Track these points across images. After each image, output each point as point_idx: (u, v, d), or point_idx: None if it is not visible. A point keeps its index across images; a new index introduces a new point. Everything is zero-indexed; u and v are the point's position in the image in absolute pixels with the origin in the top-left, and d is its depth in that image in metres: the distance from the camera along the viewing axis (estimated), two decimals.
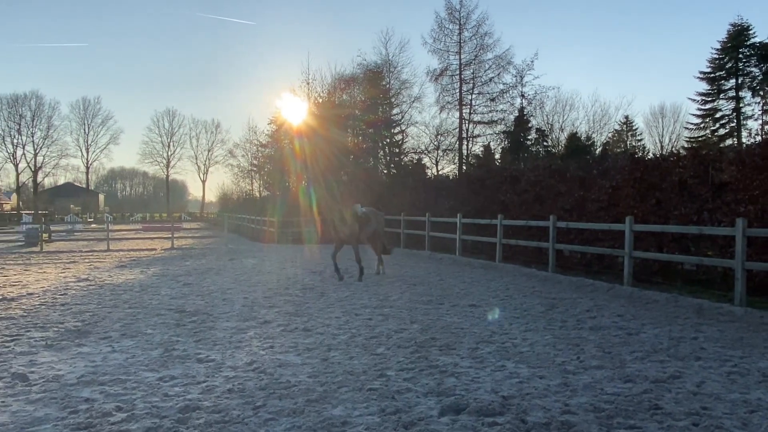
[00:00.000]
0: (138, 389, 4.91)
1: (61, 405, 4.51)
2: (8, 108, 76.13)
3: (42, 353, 6.15)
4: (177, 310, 8.71)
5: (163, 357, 5.98)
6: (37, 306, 9.14)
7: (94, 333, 7.13)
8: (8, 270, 14.77)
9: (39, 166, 78.96)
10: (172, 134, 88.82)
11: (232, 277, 12.99)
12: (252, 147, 55.16)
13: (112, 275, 13.45)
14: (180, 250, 22.07)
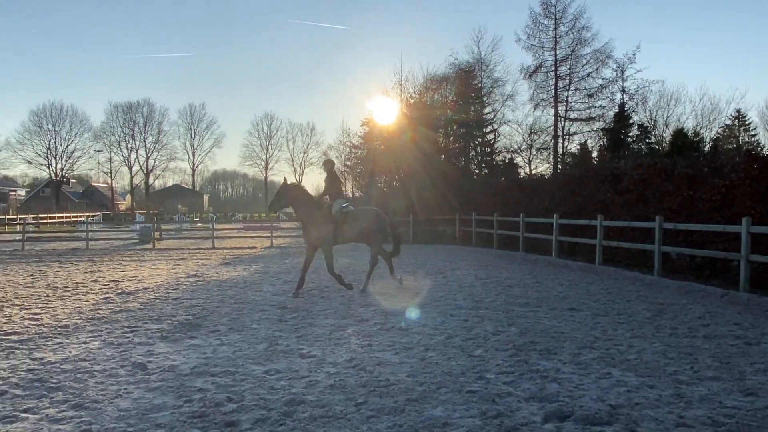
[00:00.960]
0: (246, 381, 5.14)
1: (177, 394, 4.81)
2: (123, 115, 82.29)
3: (158, 344, 6.58)
4: (279, 307, 9.05)
5: (268, 351, 6.22)
6: (152, 300, 9.80)
7: (204, 326, 7.55)
8: (125, 266, 15.95)
9: (150, 168, 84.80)
10: (270, 137, 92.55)
11: (328, 276, 13.29)
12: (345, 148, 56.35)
13: (218, 272, 14.18)
14: (278, 249, 22.91)
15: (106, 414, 4.32)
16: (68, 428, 4.05)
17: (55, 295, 10.37)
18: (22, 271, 14.41)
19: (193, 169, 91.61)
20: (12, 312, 8.61)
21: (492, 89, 37.46)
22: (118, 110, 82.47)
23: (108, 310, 8.81)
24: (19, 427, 4.07)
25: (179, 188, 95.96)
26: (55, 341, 6.72)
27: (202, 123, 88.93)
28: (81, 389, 4.91)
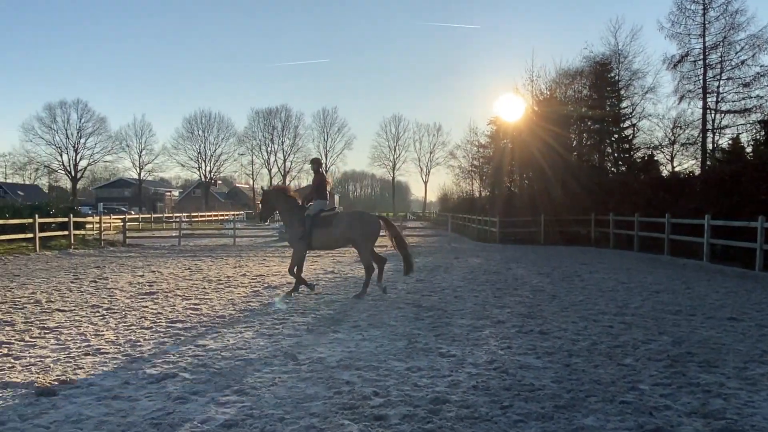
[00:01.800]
0: (390, 377, 5.26)
1: (327, 385, 5.03)
2: (263, 120, 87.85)
3: (305, 336, 6.94)
4: (414, 305, 9.17)
5: (408, 348, 6.33)
6: (295, 294, 10.34)
7: (346, 321, 7.85)
8: (269, 261, 17.00)
9: (287, 170, 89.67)
10: (398, 138, 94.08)
11: (460, 275, 13.28)
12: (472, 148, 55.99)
13: (353, 269, 14.65)
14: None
15: (264, 400, 4.63)
16: (232, 412, 4.38)
17: (211, 287, 11.30)
18: (180, 265, 15.84)
19: (326, 171, 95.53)
20: (175, 302, 9.50)
21: (630, 82, 35.22)
22: (259, 116, 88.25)
23: (257, 302, 9.45)
24: (190, 408, 4.47)
25: None
26: (214, 330, 7.31)
27: (334, 126, 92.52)
28: (240, 376, 5.29)
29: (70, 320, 7.95)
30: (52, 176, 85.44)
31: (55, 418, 4.25)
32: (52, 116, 79.39)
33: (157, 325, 7.63)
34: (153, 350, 6.27)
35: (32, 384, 5.02)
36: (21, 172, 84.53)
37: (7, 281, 12.30)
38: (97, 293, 10.48)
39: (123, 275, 13.36)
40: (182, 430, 4.01)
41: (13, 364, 5.72)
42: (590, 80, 34.50)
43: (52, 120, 79.30)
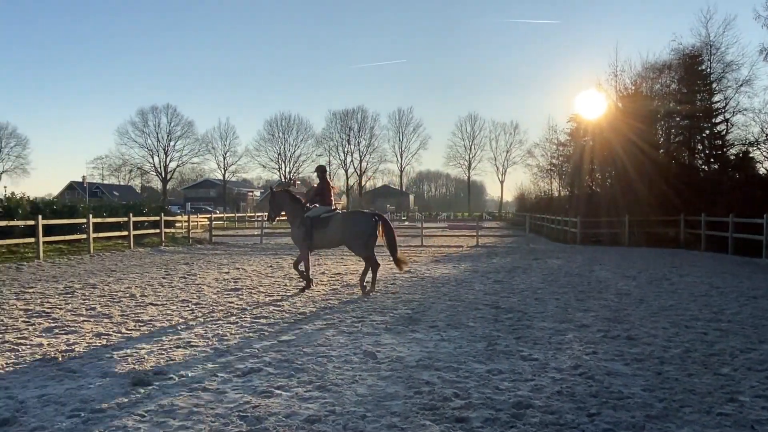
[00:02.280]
0: (470, 379, 5.20)
1: (406, 384, 5.03)
2: (340, 122, 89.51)
3: (384, 335, 6.97)
4: (492, 306, 9.02)
5: (488, 350, 6.23)
6: (373, 293, 10.42)
7: (423, 321, 7.82)
8: (347, 260, 17.19)
9: (363, 170, 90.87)
10: (474, 137, 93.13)
11: (540, 277, 12.95)
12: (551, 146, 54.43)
13: (430, 269, 14.63)
14: (485, 248, 22.92)
15: (346, 397, 4.68)
16: (315, 407, 4.46)
17: (292, 284, 11.58)
18: (262, 262, 16.36)
19: (401, 170, 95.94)
20: (259, 298, 9.81)
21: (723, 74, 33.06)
22: (336, 117, 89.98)
23: (336, 300, 9.60)
24: (275, 402, 4.59)
25: (388, 188, 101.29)
26: (296, 326, 7.49)
27: (410, 126, 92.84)
28: (322, 372, 5.39)
29: (162, 314, 8.38)
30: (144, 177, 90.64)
31: (149, 407, 4.48)
32: (145, 120, 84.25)
33: (242, 320, 7.90)
34: (239, 344, 6.49)
35: (128, 374, 5.32)
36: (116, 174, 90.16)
37: (105, 276, 13.13)
38: (187, 288, 10.99)
39: (210, 272, 13.94)
40: (268, 424, 4.12)
41: (111, 354, 6.08)
42: (679, 73, 32.71)
43: (144, 124, 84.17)
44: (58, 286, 11.41)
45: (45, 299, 9.71)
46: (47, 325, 7.60)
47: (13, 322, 7.74)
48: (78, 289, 10.97)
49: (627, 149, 28.05)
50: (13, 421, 4.14)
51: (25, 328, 7.41)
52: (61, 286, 11.41)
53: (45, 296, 10.04)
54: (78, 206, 23.88)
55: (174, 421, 4.17)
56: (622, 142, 28.51)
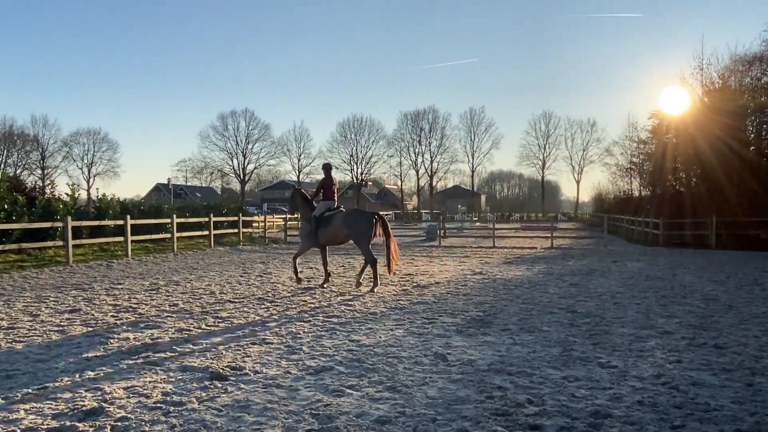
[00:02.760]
0: (544, 385, 5.04)
1: (477, 388, 4.95)
2: (411, 122, 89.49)
3: (454, 337, 6.90)
4: (568, 310, 8.74)
5: (563, 356, 6.03)
6: (444, 294, 10.36)
7: (495, 324, 7.68)
8: (417, 260, 17.23)
9: (434, 171, 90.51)
10: (548, 136, 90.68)
11: (619, 281, 12.44)
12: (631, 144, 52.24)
13: (502, 270, 14.37)
14: (559, 250, 22.29)
15: (416, 399, 4.65)
16: (385, 408, 4.46)
17: (362, 284, 11.67)
18: (334, 262, 16.59)
19: (472, 171, 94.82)
20: (331, 297, 9.95)
21: None
22: (407, 118, 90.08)
23: (407, 301, 9.59)
24: (346, 402, 4.62)
25: (459, 189, 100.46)
26: (366, 326, 7.53)
27: (481, 126, 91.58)
28: (392, 373, 5.38)
29: (240, 311, 8.65)
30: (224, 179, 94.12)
31: (226, 401, 4.62)
32: (225, 124, 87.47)
33: (315, 318, 8.04)
34: (311, 343, 6.60)
35: (207, 369, 5.51)
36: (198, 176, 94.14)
37: (187, 274, 13.72)
38: (262, 287, 11.31)
39: (284, 271, 14.29)
40: (339, 423, 4.15)
41: (192, 349, 6.33)
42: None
43: (224, 128, 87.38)
44: (145, 282, 12.03)
45: (132, 295, 10.26)
46: (134, 319, 8.02)
47: (103, 317, 8.21)
48: (162, 285, 11.53)
49: (714, 146, 26.49)
50: (100, 411, 4.38)
51: (114, 322, 7.85)
52: (147, 282, 12.02)
53: (132, 292, 10.61)
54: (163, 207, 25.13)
55: (249, 417, 4.28)
56: (708, 139, 26.96)
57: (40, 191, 23.41)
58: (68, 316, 8.30)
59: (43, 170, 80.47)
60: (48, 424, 4.14)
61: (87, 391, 4.86)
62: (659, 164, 35.60)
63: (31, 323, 7.77)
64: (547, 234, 26.40)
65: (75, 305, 9.18)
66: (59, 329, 7.38)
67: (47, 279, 12.76)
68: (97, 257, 17.42)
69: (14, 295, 10.36)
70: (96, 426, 4.10)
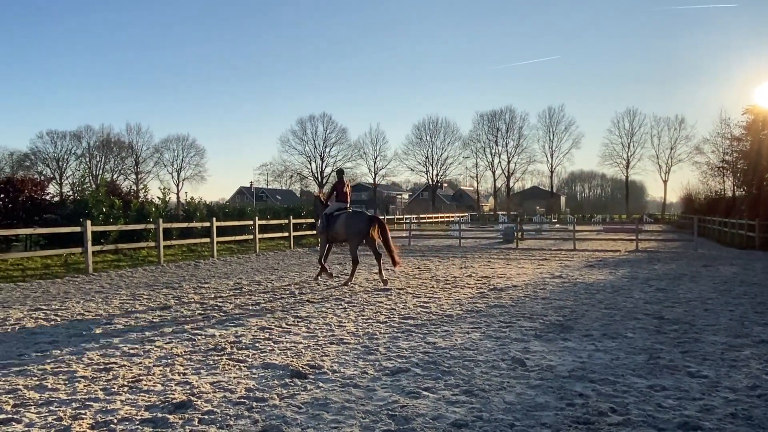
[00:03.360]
0: (629, 393, 4.85)
1: (557, 395, 4.82)
2: (488, 123, 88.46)
3: (533, 342, 6.76)
4: (654, 316, 8.36)
5: (649, 364, 5.78)
6: (522, 297, 10.17)
7: (576, 329, 7.46)
8: (494, 263, 16.99)
9: (511, 172, 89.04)
10: (632, 134, 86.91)
11: (710, 286, 11.76)
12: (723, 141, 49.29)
13: (583, 274, 13.92)
14: (645, 253, 21.33)
15: (493, 404, 4.60)
16: (462, 412, 4.44)
17: (438, 286, 11.66)
18: (410, 264, 16.66)
19: (551, 171, 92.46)
20: (407, 299, 9.99)
21: None
22: (484, 119, 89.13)
23: (483, 304, 9.48)
24: (422, 404, 4.63)
25: (537, 190, 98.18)
26: (442, 328, 7.52)
27: (561, 125, 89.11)
28: (469, 377, 5.35)
29: (318, 311, 8.86)
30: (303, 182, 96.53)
31: (305, 399, 4.75)
32: (303, 129, 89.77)
33: (391, 320, 8.11)
34: (387, 344, 6.66)
35: (287, 367, 5.68)
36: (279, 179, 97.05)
37: (268, 274, 14.18)
38: (339, 288, 11.51)
39: (360, 272, 14.47)
40: (415, 424, 4.17)
41: (273, 347, 6.55)
42: None
43: (303, 132, 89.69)
44: (229, 282, 12.55)
45: (218, 294, 10.73)
46: (219, 317, 8.39)
47: (191, 314, 8.64)
48: (245, 285, 11.98)
49: None
50: (188, 404, 4.62)
51: (201, 319, 8.24)
52: (231, 282, 12.54)
53: (218, 291, 11.10)
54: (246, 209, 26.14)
55: (327, 415, 4.38)
56: None
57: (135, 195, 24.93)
58: (159, 313, 8.79)
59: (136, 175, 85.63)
60: (141, 415, 4.40)
61: (176, 385, 5.14)
62: (754, 162, 33.33)
63: (127, 319, 8.29)
64: (632, 236, 25.32)
65: (166, 303, 9.71)
66: (151, 325, 7.83)
67: (141, 278, 13.56)
68: (185, 257, 18.33)
69: (111, 292, 11.08)
70: (185, 418, 4.32)
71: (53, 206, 18.86)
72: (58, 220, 17.25)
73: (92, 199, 18.20)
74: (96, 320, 8.23)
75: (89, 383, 5.20)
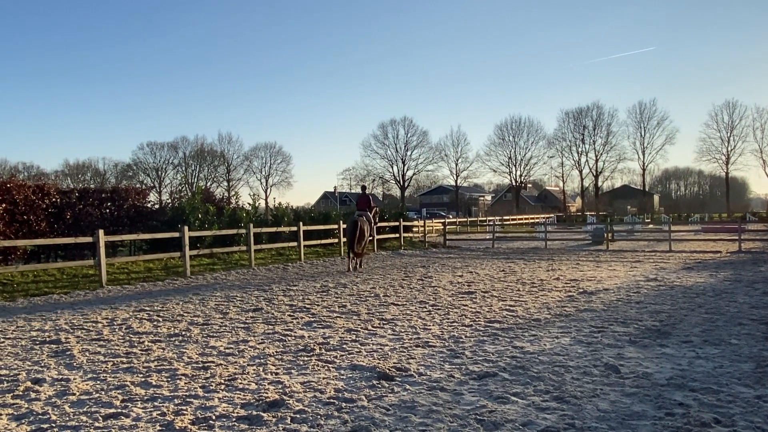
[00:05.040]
0: (734, 404, 4.56)
1: (655, 404, 4.60)
2: (573, 121, 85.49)
3: (627, 348, 6.48)
4: (761, 322, 7.79)
5: (757, 372, 5.40)
6: (614, 301, 9.77)
7: (674, 335, 7.09)
8: (582, 265, 16.43)
9: (599, 170, 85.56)
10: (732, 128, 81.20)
11: None
12: None
13: (680, 277, 13.19)
14: (749, 254, 19.91)
15: (586, 411, 4.45)
16: (553, 419, 4.33)
17: (524, 289, 11.42)
18: (494, 267, 16.43)
19: (643, 169, 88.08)
20: (492, 302, 9.86)
21: None
22: (569, 117, 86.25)
23: (573, 308, 9.19)
24: (511, 409, 4.56)
25: (628, 189, 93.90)
26: (530, 333, 7.36)
27: (653, 120, 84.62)
28: (559, 383, 5.20)
29: (403, 313, 8.92)
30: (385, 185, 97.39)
31: (392, 401, 4.80)
32: (384, 133, 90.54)
33: (476, 323, 8.03)
34: (473, 347, 6.60)
35: (374, 368, 5.76)
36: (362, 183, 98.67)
37: (353, 277, 14.43)
38: (424, 290, 11.54)
39: (444, 275, 14.44)
40: (504, 430, 4.11)
41: (360, 349, 6.66)
42: None
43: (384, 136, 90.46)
44: (316, 284, 12.88)
45: (305, 296, 11.04)
46: (307, 319, 8.63)
47: (281, 316, 8.94)
48: (332, 287, 12.26)
49: None
50: (281, 403, 4.78)
51: (291, 321, 8.51)
52: (318, 284, 12.86)
53: (305, 293, 11.42)
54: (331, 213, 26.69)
55: (415, 417, 4.40)
56: None
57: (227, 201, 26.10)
58: (252, 314, 9.16)
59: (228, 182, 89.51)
60: (237, 412, 4.61)
61: (269, 384, 5.34)
62: None
63: (222, 320, 8.70)
64: (734, 236, 23.70)
65: (257, 304, 10.10)
66: (245, 326, 8.18)
67: (234, 280, 14.18)
68: (274, 260, 18.99)
69: (207, 294, 11.66)
70: (278, 416, 4.48)
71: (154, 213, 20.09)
72: (158, 226, 18.35)
73: (189, 206, 19.22)
74: (194, 320, 8.69)
75: (189, 381, 5.51)
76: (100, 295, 11.99)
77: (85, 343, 7.27)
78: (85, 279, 13.97)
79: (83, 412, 4.64)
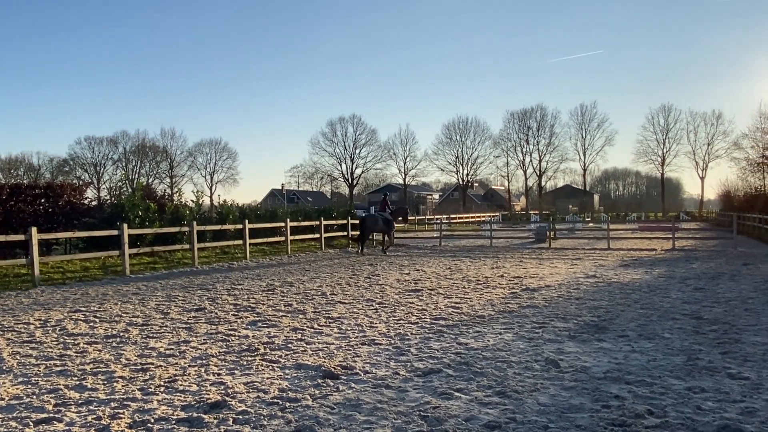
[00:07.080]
0: (666, 395, 4.75)
1: (593, 397, 4.75)
2: (518, 122, 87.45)
3: (567, 343, 6.66)
4: (692, 316, 8.16)
5: (687, 365, 5.64)
6: (555, 298, 10.04)
7: (611, 330, 7.33)
8: (526, 263, 16.82)
9: (543, 170, 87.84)
10: (668, 130, 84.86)
11: (751, 285, 11.43)
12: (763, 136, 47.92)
13: (618, 274, 13.68)
14: (682, 252, 20.85)
15: (527, 405, 4.55)
16: (495, 413, 4.40)
17: (470, 287, 11.59)
18: (441, 264, 16.61)
19: (584, 169, 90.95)
20: (438, 300, 9.96)
21: None
22: (514, 117, 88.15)
23: (516, 304, 9.39)
24: (454, 405, 4.61)
25: (570, 188, 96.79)
26: (474, 329, 7.47)
27: (593, 122, 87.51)
28: (502, 378, 5.30)
29: (349, 312, 8.89)
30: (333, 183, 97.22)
31: (337, 400, 4.77)
32: (333, 131, 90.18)
33: (422, 320, 8.09)
34: (419, 345, 6.65)
35: (320, 367, 5.72)
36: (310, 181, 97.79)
37: (300, 275, 14.30)
38: (371, 288, 11.55)
39: (392, 272, 14.50)
40: (447, 426, 4.15)
41: (305, 348, 6.60)
42: None
43: (333, 134, 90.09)
44: (261, 283, 12.69)
45: (251, 295, 10.86)
46: (252, 318, 8.49)
47: (225, 315, 8.77)
48: (278, 286, 12.11)
49: None
50: (223, 404, 4.68)
51: (235, 320, 8.36)
52: (263, 283, 12.68)
53: (251, 292, 11.23)
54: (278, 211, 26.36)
55: (360, 416, 4.39)
56: None
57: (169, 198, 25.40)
58: (194, 314, 8.95)
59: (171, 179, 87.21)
60: (177, 414, 4.48)
61: (211, 385, 5.22)
62: None
63: (162, 320, 8.45)
64: (668, 234, 24.77)
65: (200, 304, 9.87)
66: (187, 326, 7.97)
67: (176, 280, 13.81)
68: (219, 259, 18.61)
69: (147, 294, 11.32)
70: (220, 418, 4.39)
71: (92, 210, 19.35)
72: (96, 224, 17.68)
73: (128, 203, 18.60)
74: (133, 321, 8.41)
75: (127, 383, 5.33)
76: (32, 295, 11.45)
77: (16, 346, 6.93)
78: (16, 279, 13.32)
79: (13, 418, 4.42)
